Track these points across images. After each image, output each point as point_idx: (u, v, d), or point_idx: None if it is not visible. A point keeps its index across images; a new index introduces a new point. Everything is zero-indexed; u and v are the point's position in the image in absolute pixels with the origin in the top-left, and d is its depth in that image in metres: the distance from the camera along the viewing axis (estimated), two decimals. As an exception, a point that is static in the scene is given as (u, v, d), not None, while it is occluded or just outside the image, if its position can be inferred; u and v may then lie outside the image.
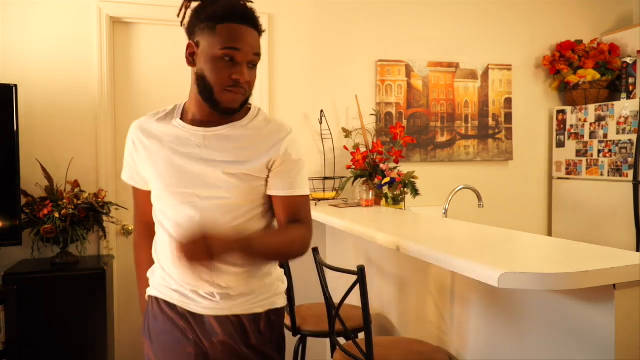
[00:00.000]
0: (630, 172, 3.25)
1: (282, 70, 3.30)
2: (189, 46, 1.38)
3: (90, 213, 2.68)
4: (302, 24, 3.34)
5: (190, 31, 1.39)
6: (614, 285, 1.25)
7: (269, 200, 1.46)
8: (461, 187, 2.98)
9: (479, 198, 2.96)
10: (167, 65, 3.10)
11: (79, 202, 2.64)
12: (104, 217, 2.76)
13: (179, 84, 3.11)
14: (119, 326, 3.03)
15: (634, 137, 3.23)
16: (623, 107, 3.31)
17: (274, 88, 3.28)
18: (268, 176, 1.43)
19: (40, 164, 2.73)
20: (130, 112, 3.01)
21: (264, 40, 3.34)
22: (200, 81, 1.36)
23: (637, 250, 3.20)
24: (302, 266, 3.32)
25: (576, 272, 1.19)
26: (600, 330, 1.30)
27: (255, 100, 3.25)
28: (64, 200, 2.62)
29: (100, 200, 2.74)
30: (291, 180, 1.43)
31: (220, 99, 1.35)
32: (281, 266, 1.57)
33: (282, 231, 1.46)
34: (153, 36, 3.07)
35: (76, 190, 2.71)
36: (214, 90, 1.34)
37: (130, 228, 3.03)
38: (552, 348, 1.46)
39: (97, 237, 2.92)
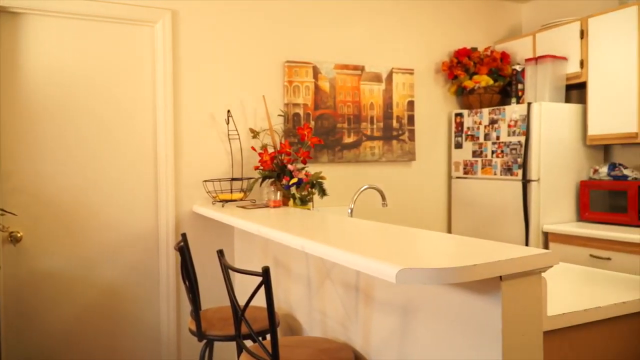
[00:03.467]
0: (520, 172, 3.50)
1: (187, 68, 3.21)
2: None
3: (-27, 219, 2.46)
4: (207, 21, 3.27)
5: None
6: (501, 277, 1.34)
7: None
8: (366, 187, 3.06)
9: (383, 197, 3.06)
10: (64, 61, 2.90)
11: (-42, 207, 2.41)
12: (-11, 224, 2.55)
13: (76, 80, 2.94)
14: (7, 344, 2.80)
15: (522, 139, 3.48)
16: (513, 111, 3.57)
17: (178, 87, 3.18)
18: None
19: None
20: (17, 111, 2.78)
21: (166, 38, 3.25)
22: None
23: (526, 244, 3.46)
24: (208, 269, 3.27)
25: (466, 266, 1.26)
26: (488, 319, 1.38)
27: (158, 98, 3.14)
28: (-59, 206, 2.38)
29: (-16, 205, 2.52)
30: None
31: None
32: (185, 267, 1.49)
33: None
34: (47, 29, 2.86)
35: (-45, 194, 2.47)
36: None
37: (19, 235, 2.81)
38: (446, 338, 1.54)
39: (-18, 245, 2.69)
